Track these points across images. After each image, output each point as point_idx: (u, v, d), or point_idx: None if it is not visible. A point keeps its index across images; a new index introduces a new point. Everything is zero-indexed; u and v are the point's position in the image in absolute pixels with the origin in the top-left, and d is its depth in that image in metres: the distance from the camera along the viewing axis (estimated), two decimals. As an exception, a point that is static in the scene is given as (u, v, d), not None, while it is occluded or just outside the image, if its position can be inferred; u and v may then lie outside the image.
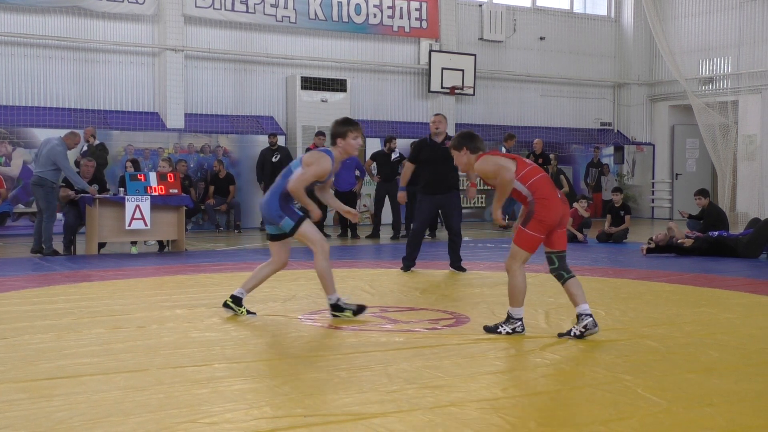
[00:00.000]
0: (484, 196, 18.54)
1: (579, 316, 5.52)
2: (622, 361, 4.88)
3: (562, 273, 5.61)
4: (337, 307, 6.24)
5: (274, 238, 6.30)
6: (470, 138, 5.83)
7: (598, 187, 17.59)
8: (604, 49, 21.46)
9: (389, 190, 14.02)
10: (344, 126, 6.19)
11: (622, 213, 13.60)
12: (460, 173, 9.33)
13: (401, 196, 9.72)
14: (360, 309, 6.26)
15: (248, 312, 6.33)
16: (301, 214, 6.24)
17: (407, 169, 9.45)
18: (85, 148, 14.07)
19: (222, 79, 17.02)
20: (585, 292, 5.60)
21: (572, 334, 5.50)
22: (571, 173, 19.49)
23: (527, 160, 5.76)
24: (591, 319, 5.51)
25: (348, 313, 6.22)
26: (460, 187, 10.95)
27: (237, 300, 6.34)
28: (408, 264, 9.27)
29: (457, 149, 5.84)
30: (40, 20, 15.33)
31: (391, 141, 14.51)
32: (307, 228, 6.16)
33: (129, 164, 13.06)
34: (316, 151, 6.30)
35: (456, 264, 9.36)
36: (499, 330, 5.60)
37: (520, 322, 5.60)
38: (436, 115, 9.58)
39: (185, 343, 5.38)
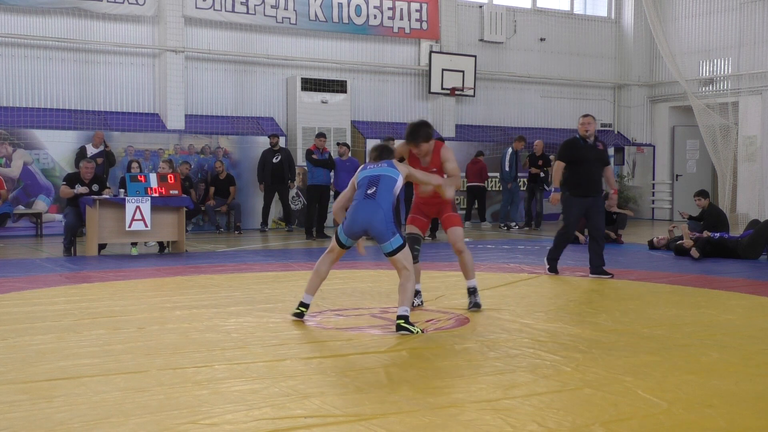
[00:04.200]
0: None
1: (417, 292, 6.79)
2: (623, 362, 4.88)
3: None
4: (405, 319, 5.79)
5: (348, 248, 6.13)
6: (420, 132, 6.73)
7: (599, 188, 17.63)
8: (604, 50, 21.47)
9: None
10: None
11: (614, 216, 13.67)
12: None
13: (555, 197, 9.06)
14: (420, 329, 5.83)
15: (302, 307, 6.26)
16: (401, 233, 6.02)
17: (559, 168, 9.05)
18: (99, 149, 14.14)
19: (222, 80, 17.02)
20: (586, 292, 5.60)
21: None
22: (572, 174, 19.47)
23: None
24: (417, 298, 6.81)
25: (417, 330, 5.75)
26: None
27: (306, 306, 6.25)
28: (554, 266, 9.15)
29: (416, 146, 6.65)
30: (41, 21, 15.34)
31: (389, 142, 14.48)
32: (407, 251, 5.94)
33: (135, 165, 13.08)
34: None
35: (599, 269, 8.92)
36: (477, 302, 6.66)
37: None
38: (585, 116, 9.08)
39: (185, 344, 5.38)
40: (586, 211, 9.03)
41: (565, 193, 9.17)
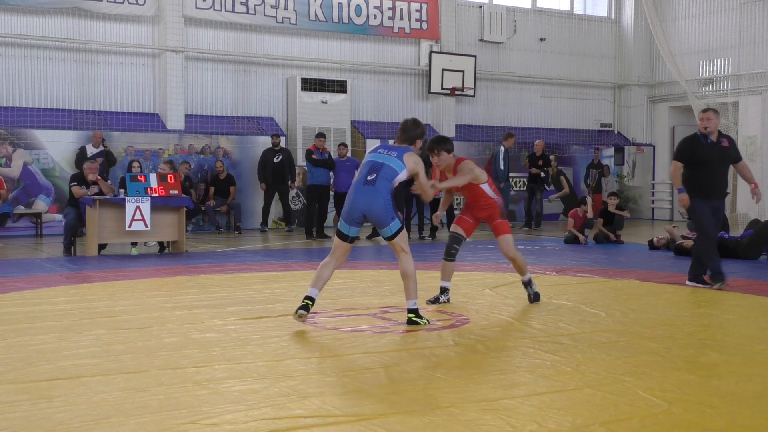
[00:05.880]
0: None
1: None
2: (623, 362, 4.88)
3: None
4: (415, 312, 6.07)
5: (352, 240, 6.11)
6: (444, 141, 6.87)
7: (599, 188, 17.58)
8: (604, 50, 21.47)
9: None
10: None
11: (615, 217, 13.66)
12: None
13: (684, 199, 8.09)
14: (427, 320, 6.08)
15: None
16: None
17: (676, 169, 8.17)
18: (99, 149, 14.15)
19: (222, 80, 17.02)
20: (586, 292, 5.60)
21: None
22: (572, 174, 19.49)
23: None
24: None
25: (424, 322, 6.02)
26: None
27: (312, 300, 6.08)
28: (722, 276, 8.07)
29: (435, 154, 6.73)
30: (41, 21, 15.34)
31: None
32: (404, 235, 6.07)
33: (136, 164, 13.08)
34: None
35: (698, 276, 8.27)
36: (535, 292, 7.12)
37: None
38: (704, 111, 8.14)
39: (185, 344, 5.38)
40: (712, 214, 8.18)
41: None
